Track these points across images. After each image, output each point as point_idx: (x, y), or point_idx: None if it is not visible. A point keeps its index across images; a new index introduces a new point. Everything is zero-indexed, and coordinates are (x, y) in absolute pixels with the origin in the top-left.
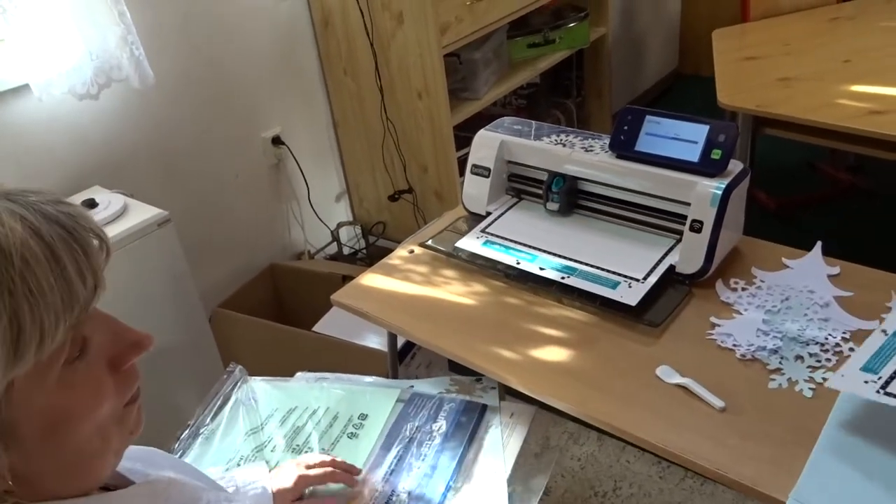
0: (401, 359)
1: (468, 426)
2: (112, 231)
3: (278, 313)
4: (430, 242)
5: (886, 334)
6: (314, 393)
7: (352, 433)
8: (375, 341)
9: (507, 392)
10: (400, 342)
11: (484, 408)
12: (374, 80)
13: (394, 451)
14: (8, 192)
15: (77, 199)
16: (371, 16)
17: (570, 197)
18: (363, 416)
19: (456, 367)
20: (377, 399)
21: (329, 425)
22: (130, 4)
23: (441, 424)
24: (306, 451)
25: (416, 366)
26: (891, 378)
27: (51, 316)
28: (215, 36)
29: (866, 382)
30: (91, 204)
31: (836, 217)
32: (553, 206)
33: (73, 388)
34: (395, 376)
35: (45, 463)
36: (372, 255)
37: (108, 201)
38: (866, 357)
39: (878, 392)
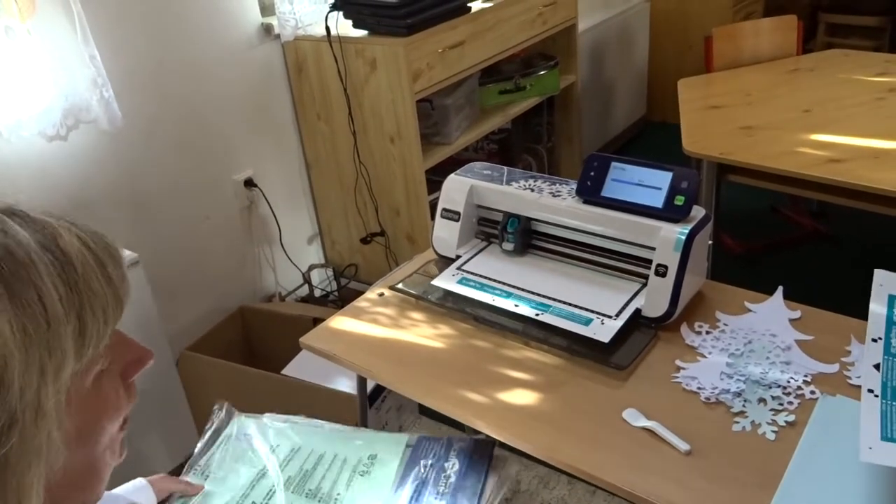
0: (371, 402)
1: (482, 465)
2: None
3: (248, 356)
4: (400, 286)
5: (876, 396)
6: (317, 437)
7: (363, 471)
8: (346, 384)
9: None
10: (370, 385)
11: (492, 446)
12: (347, 124)
13: (410, 488)
14: (58, 215)
15: None
16: (345, 62)
17: (525, 237)
18: (372, 458)
19: (426, 411)
20: (385, 442)
21: (340, 468)
22: (103, 48)
23: (454, 463)
24: (321, 498)
25: (387, 409)
26: None
27: (101, 317)
28: (188, 79)
29: None
30: None
31: (800, 261)
32: (508, 245)
33: (103, 393)
34: (364, 420)
35: (66, 469)
36: (344, 298)
37: None
38: (877, 426)
39: None
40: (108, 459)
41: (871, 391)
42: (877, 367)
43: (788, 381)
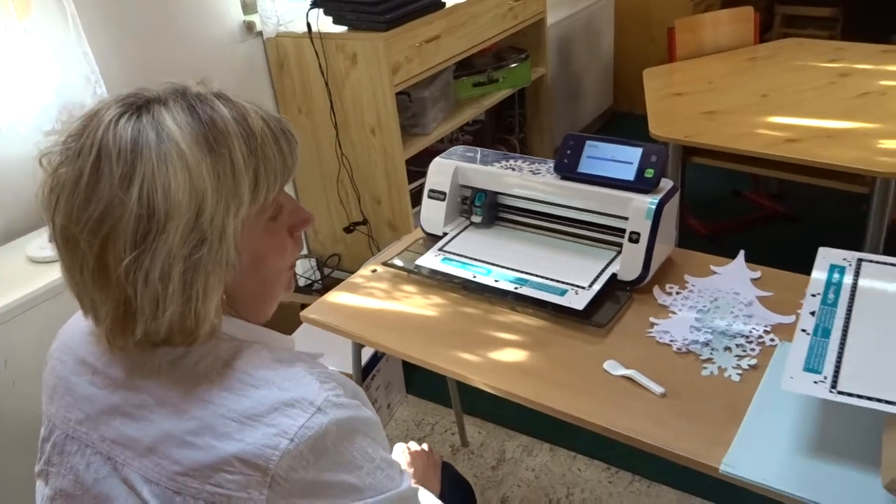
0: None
1: None
2: None
3: None
4: (394, 261)
5: (808, 334)
6: None
7: None
8: (336, 365)
9: (465, 412)
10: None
11: None
12: (328, 118)
13: None
14: (252, 102)
15: (43, 233)
16: (326, 57)
17: (492, 210)
18: None
19: (413, 389)
20: None
21: None
22: (95, 46)
23: None
24: None
25: (376, 387)
26: (835, 377)
27: (272, 176)
28: (175, 75)
29: (816, 383)
30: None
31: (761, 240)
32: (477, 218)
33: (271, 236)
34: None
35: (244, 287)
36: (327, 287)
37: None
38: (802, 358)
39: (830, 391)
40: (276, 289)
41: (804, 331)
42: (812, 313)
43: (750, 332)
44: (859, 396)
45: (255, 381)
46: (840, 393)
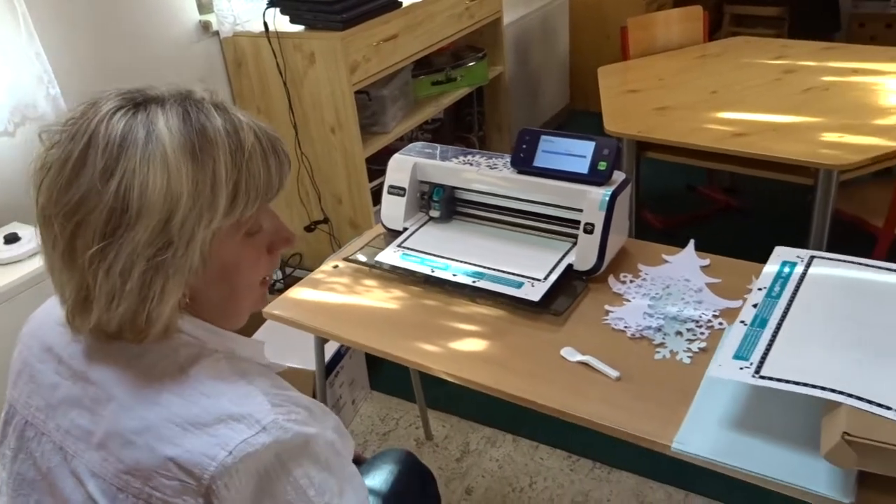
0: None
1: None
2: (35, 265)
3: None
4: (355, 255)
5: (745, 324)
6: None
7: None
8: (299, 363)
9: (429, 406)
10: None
11: None
12: (287, 117)
13: None
14: (249, 116)
15: None
16: (283, 57)
17: (450, 205)
18: None
19: (378, 385)
20: None
21: None
22: (47, 45)
23: None
24: None
25: (340, 384)
26: (760, 363)
27: (253, 192)
28: (131, 76)
29: (741, 369)
30: (14, 238)
31: (715, 232)
32: (435, 213)
33: (245, 251)
34: (323, 389)
35: (211, 294)
36: (289, 286)
37: (31, 236)
38: (735, 347)
39: (753, 376)
40: (246, 301)
41: (742, 322)
42: (754, 306)
43: (700, 316)
44: (779, 380)
45: (207, 391)
46: (762, 378)
